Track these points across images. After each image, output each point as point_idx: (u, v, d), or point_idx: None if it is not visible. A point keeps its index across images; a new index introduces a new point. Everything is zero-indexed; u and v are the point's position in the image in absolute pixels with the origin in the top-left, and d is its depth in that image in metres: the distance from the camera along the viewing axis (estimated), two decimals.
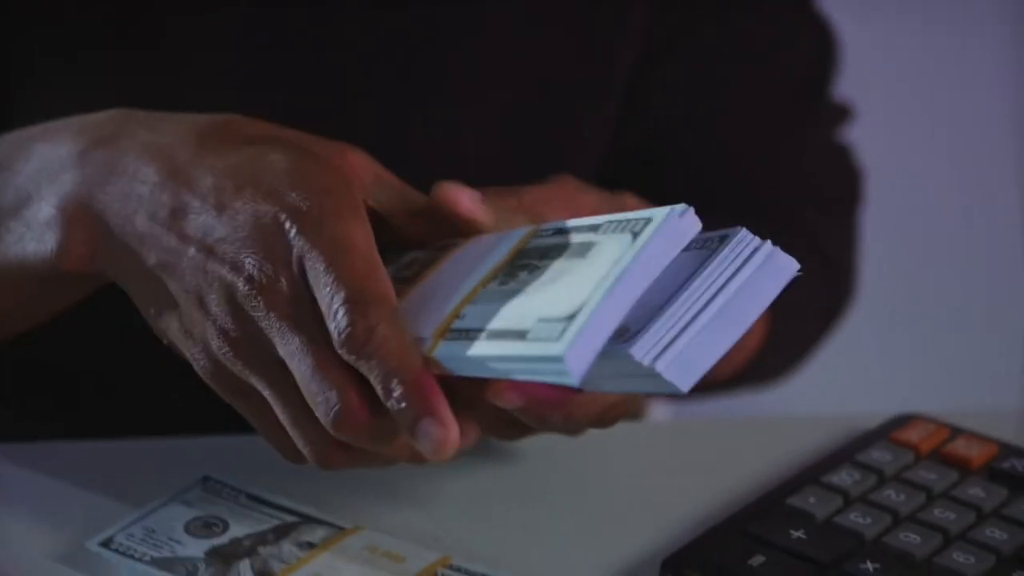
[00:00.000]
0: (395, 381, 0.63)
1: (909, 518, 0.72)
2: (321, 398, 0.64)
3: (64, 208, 0.71)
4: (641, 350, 0.58)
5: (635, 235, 0.60)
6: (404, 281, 0.69)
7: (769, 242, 0.60)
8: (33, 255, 0.71)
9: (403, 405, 0.62)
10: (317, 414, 0.65)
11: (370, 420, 0.64)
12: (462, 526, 0.73)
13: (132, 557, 0.68)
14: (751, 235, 0.60)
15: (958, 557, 0.69)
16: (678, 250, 0.59)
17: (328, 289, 0.64)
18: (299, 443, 0.67)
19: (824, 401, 1.02)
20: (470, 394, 0.64)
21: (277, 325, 0.65)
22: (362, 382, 0.64)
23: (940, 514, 0.72)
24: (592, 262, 0.61)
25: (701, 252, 0.60)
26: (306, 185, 0.67)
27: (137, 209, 0.69)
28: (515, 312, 0.61)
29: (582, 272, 0.61)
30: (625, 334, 0.59)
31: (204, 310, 0.67)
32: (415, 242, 0.72)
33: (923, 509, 0.72)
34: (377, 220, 0.70)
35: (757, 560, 0.69)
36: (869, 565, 0.68)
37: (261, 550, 0.69)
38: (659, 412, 0.86)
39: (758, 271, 0.59)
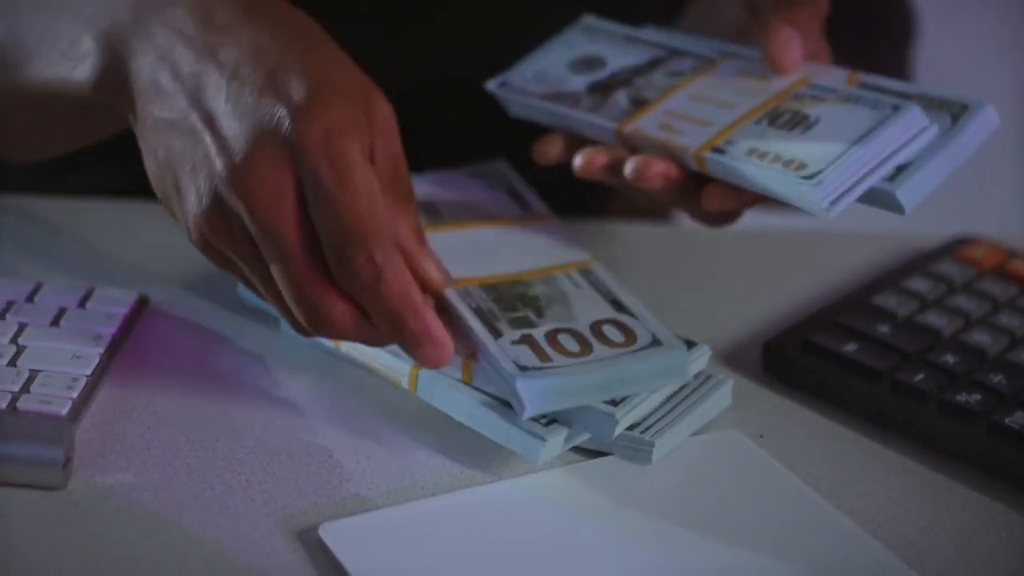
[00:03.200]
0: (397, 320, 0.67)
1: (980, 321, 0.81)
2: (303, 309, 0.67)
3: (104, 42, 0.72)
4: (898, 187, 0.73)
5: (953, 118, 0.75)
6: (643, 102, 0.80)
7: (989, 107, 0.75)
8: (65, 79, 0.73)
9: (405, 338, 0.67)
10: (296, 317, 0.68)
11: (354, 328, 0.68)
12: None
13: (524, 92, 0.82)
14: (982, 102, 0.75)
15: None
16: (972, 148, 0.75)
17: (328, 215, 0.66)
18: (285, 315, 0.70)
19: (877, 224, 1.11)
20: None
21: (253, 222, 0.66)
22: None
23: (1006, 320, 0.81)
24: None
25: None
26: (321, 97, 0.67)
27: (164, 63, 0.70)
28: (788, 145, 0.74)
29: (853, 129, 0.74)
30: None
31: (193, 179, 0.68)
32: None
33: (991, 315, 0.81)
34: None
35: (850, 347, 0.78)
36: (949, 357, 0.78)
37: (635, 80, 0.81)
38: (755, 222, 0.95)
39: (977, 125, 0.75)
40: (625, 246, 0.78)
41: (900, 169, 0.73)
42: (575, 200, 0.93)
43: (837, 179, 0.72)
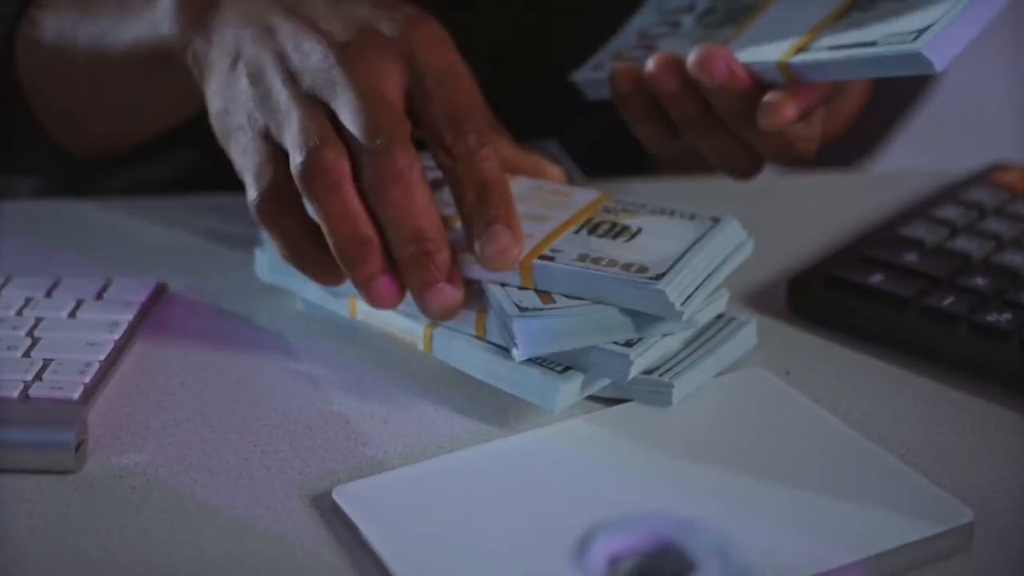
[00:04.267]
0: (486, 190, 0.69)
1: (1013, 243, 0.78)
2: (381, 199, 0.68)
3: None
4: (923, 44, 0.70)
5: (709, 229, 0.71)
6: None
7: None
8: (146, 30, 0.77)
9: (488, 212, 0.69)
10: (343, 243, 0.69)
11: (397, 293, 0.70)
12: None
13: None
14: None
15: None
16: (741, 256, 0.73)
17: (443, 97, 0.70)
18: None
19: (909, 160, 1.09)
20: None
21: (358, 96, 0.69)
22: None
23: None
24: (662, 235, 0.71)
25: None
26: (422, 14, 0.72)
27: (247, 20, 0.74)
28: (605, 250, 0.70)
29: (656, 240, 0.71)
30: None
31: (282, 78, 0.71)
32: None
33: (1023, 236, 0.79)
34: None
35: (876, 278, 0.76)
36: (979, 280, 0.75)
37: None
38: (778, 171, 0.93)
39: None
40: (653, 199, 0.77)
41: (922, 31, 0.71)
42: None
43: (683, 281, 0.69)
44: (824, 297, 0.77)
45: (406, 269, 0.69)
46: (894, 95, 1.06)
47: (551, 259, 0.70)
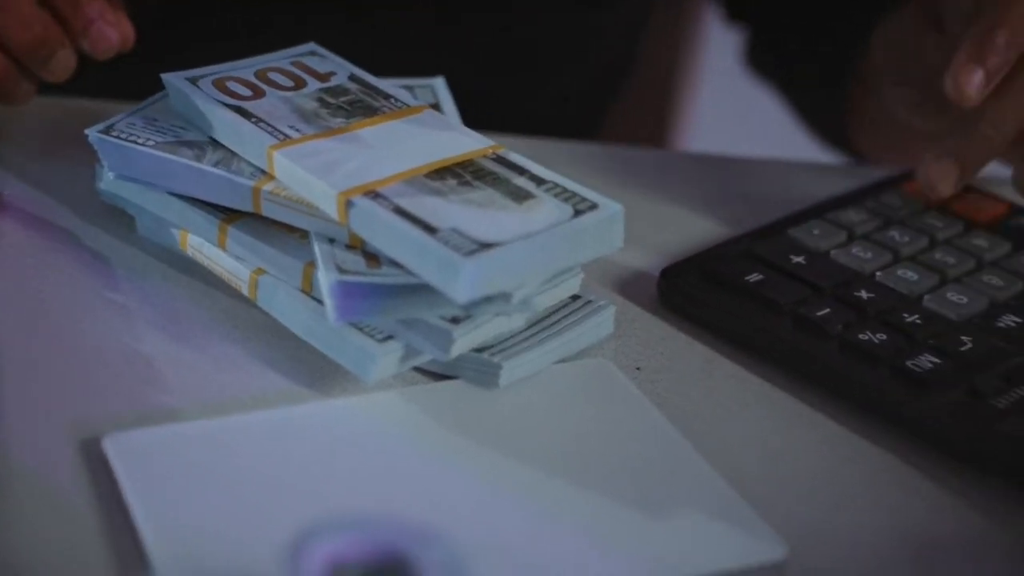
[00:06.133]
0: None
1: (910, 258, 0.73)
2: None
3: None
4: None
5: (577, 213, 0.63)
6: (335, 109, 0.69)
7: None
8: None
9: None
10: None
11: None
12: None
13: (135, 143, 0.68)
14: None
15: (952, 297, 0.70)
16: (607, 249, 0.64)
17: None
18: None
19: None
20: None
21: None
22: None
23: (940, 257, 0.73)
24: (526, 211, 0.63)
25: None
26: None
27: None
28: (437, 211, 0.62)
29: (512, 215, 0.63)
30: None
31: None
32: None
33: (925, 252, 0.73)
34: None
35: (755, 277, 0.70)
36: (863, 294, 0.69)
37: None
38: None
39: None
40: (544, 161, 0.71)
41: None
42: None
43: (498, 266, 0.60)
44: (696, 292, 0.71)
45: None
46: None
47: (372, 198, 0.63)
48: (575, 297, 0.68)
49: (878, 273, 0.71)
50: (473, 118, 0.74)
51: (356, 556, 0.44)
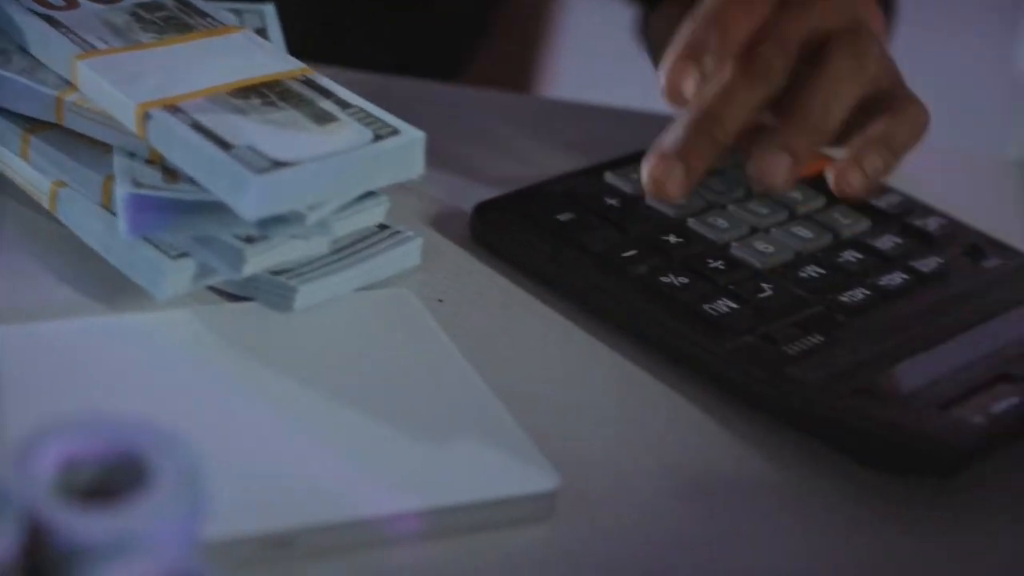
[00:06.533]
0: None
1: (722, 207, 0.73)
2: None
3: None
4: None
5: (378, 137, 0.63)
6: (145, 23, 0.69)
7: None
8: None
9: None
10: None
11: None
12: None
13: None
14: None
15: (758, 246, 0.70)
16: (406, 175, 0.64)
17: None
18: None
19: None
20: None
21: None
22: None
23: (754, 208, 0.73)
24: (326, 134, 0.63)
25: None
26: None
27: None
28: (235, 128, 0.62)
29: (311, 136, 0.62)
30: None
31: None
32: None
33: (739, 202, 0.73)
34: None
35: (566, 216, 0.70)
36: (672, 238, 0.70)
37: None
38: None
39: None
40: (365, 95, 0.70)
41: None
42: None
43: (290, 184, 0.60)
44: (506, 227, 0.71)
45: None
46: None
47: (171, 112, 0.62)
48: (383, 227, 0.68)
49: (690, 220, 0.71)
50: (331, 55, 0.73)
51: (90, 454, 0.44)
